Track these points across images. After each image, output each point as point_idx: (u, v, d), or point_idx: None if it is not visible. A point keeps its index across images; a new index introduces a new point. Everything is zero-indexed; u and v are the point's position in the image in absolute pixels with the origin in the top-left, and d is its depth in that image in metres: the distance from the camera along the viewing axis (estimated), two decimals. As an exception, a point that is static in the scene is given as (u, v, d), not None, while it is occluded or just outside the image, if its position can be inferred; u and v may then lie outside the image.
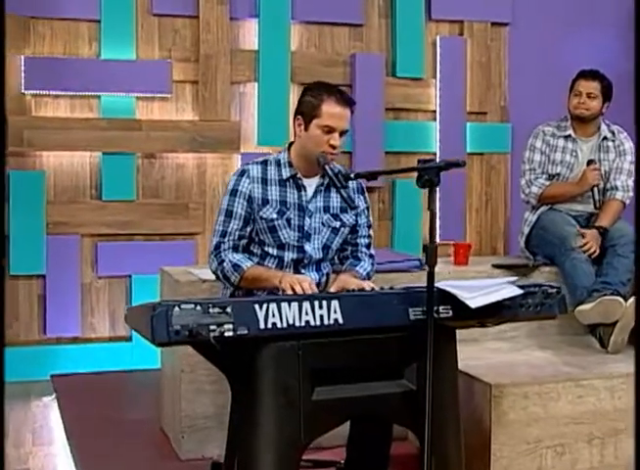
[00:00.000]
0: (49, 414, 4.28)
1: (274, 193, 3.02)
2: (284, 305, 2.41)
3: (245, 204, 3.00)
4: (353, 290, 2.78)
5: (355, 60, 5.37)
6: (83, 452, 3.53)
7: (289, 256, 3.03)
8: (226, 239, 3.01)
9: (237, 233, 3.01)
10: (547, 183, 4.09)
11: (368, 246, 3.19)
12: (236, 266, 2.96)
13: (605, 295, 3.57)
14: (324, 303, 2.46)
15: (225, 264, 2.97)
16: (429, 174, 2.49)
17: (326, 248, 3.09)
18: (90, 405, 4.24)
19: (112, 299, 5.10)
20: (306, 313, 2.43)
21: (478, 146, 5.68)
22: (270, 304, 2.40)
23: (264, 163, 3.06)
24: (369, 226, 3.20)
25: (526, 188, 4.12)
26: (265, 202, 3.01)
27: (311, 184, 3.06)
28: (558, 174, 4.10)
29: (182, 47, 5.15)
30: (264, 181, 3.02)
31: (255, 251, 3.07)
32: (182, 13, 5.13)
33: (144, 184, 5.12)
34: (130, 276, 5.09)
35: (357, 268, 3.13)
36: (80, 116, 4.99)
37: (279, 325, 2.40)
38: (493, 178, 5.77)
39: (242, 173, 3.04)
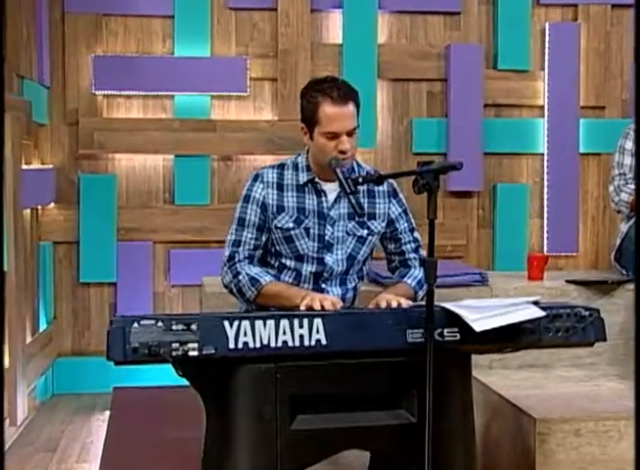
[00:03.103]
0: (105, 429, 4.35)
1: (290, 199, 2.92)
2: (258, 322, 2.33)
3: (258, 211, 2.92)
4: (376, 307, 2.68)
5: (451, 51, 5.19)
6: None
7: (307, 268, 2.93)
8: (240, 249, 2.93)
9: (252, 243, 2.93)
10: (640, 188, 3.77)
11: (416, 250, 3.03)
12: (253, 280, 2.87)
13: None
14: (305, 321, 2.35)
15: (241, 278, 2.89)
16: (426, 178, 2.32)
17: (351, 259, 2.96)
18: (141, 421, 4.29)
19: (185, 309, 5.15)
20: (284, 333, 2.34)
21: (593, 145, 5.35)
22: (242, 321, 2.32)
23: (281, 166, 2.97)
24: (412, 229, 3.04)
25: (615, 196, 3.83)
26: (281, 209, 2.91)
27: (333, 189, 2.94)
28: (654, 179, 3.77)
29: (260, 42, 5.14)
30: (280, 186, 2.93)
31: (272, 262, 2.98)
32: (260, 5, 5.12)
33: (219, 188, 5.15)
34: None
35: (405, 279, 2.97)
36: (153, 116, 5.07)
37: (251, 345, 2.32)
38: (612, 182, 5.42)
39: (255, 178, 2.96)
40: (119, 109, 5.07)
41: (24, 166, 4.41)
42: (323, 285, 2.95)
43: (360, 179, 2.66)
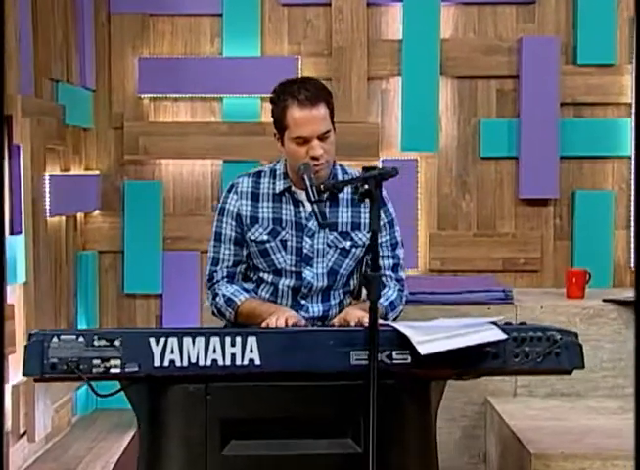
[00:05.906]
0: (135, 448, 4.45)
1: (265, 210, 2.92)
2: (186, 339, 2.34)
3: (233, 224, 2.94)
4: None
5: (523, 45, 5.04)
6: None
7: (284, 283, 2.91)
8: (219, 267, 2.96)
9: (230, 259, 2.96)
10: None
11: (394, 268, 2.96)
12: (229, 301, 2.90)
13: None
14: (238, 339, 2.34)
15: (218, 299, 2.93)
16: (369, 185, 2.27)
17: (333, 273, 2.92)
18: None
19: (235, 323, 5.20)
20: (214, 351, 2.33)
21: (689, 147, 5.08)
22: (169, 337, 2.33)
23: (257, 174, 2.98)
24: (394, 244, 2.97)
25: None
26: (254, 220, 2.92)
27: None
28: None
29: (314, 40, 5.14)
30: (255, 196, 2.94)
31: (252, 276, 2.99)
32: (314, 1, 5.12)
33: (270, 195, 5.17)
34: (255, 299, 5.15)
35: None
36: (201, 120, 5.15)
37: (178, 363, 2.33)
38: None
39: (230, 189, 2.99)
40: (166, 112, 5.17)
41: (56, 173, 4.56)
42: (303, 301, 2.93)
43: (322, 186, 2.62)
